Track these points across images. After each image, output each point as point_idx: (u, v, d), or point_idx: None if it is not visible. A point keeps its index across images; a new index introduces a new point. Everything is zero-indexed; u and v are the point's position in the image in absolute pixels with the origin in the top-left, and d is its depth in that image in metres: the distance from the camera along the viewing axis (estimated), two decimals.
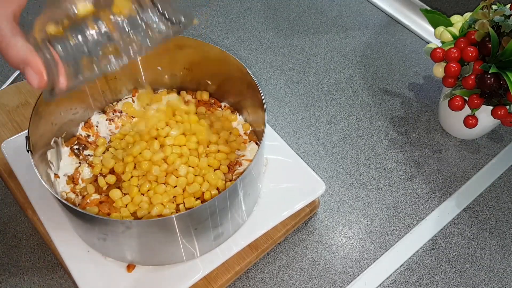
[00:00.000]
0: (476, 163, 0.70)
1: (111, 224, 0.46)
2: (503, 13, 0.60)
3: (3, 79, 0.76)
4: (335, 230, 0.63)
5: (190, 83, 0.66)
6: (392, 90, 0.79)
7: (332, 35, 0.88)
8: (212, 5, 0.92)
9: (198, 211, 0.46)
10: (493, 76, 0.60)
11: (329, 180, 0.67)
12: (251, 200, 0.55)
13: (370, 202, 0.66)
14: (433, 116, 0.76)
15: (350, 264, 0.60)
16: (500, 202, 0.66)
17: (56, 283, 0.57)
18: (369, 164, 0.70)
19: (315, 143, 0.72)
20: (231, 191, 0.48)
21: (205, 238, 0.51)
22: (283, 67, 0.82)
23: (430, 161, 0.70)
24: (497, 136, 0.74)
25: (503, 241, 0.63)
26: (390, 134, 0.73)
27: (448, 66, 0.63)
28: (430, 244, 0.62)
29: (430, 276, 0.59)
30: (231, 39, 0.86)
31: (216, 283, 0.55)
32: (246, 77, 0.56)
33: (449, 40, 0.66)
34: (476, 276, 0.59)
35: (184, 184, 0.55)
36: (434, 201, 0.66)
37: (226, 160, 0.58)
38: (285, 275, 0.58)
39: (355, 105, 0.77)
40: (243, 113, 0.64)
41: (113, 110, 0.64)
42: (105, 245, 0.51)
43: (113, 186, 0.56)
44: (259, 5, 0.92)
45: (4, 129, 0.65)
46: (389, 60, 0.84)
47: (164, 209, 0.53)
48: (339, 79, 0.80)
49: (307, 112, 0.75)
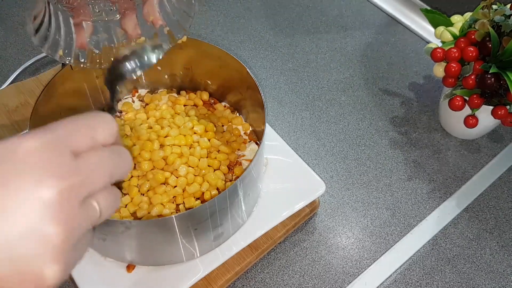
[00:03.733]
0: (476, 163, 0.70)
1: (111, 224, 0.46)
2: (504, 13, 0.60)
3: (3, 79, 0.76)
4: (335, 230, 0.63)
5: (190, 83, 0.66)
6: (392, 90, 0.79)
7: (332, 35, 0.88)
8: (212, 5, 0.92)
9: (198, 211, 0.46)
10: (493, 76, 0.60)
11: (329, 180, 0.67)
12: (251, 200, 0.55)
13: (370, 202, 0.65)
14: (433, 116, 0.76)
15: (350, 264, 0.60)
16: (500, 202, 0.66)
17: None
18: (369, 164, 0.70)
19: (315, 143, 0.72)
20: (231, 191, 0.48)
21: (205, 238, 0.51)
22: (283, 67, 0.82)
23: (430, 161, 0.70)
24: (497, 136, 0.74)
25: (503, 241, 0.63)
26: (390, 134, 0.73)
27: (448, 66, 0.63)
28: (430, 244, 0.62)
29: (430, 276, 0.59)
30: (231, 39, 0.86)
31: (216, 283, 0.55)
32: (246, 77, 0.56)
33: (449, 40, 0.66)
34: (476, 276, 0.59)
35: (184, 184, 0.55)
36: (434, 201, 0.66)
37: (226, 160, 0.58)
38: (285, 275, 0.58)
39: (355, 105, 0.77)
40: (243, 113, 0.64)
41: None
42: (104, 245, 0.51)
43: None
44: (259, 5, 0.92)
45: (4, 129, 0.65)
46: (389, 60, 0.84)
47: (164, 209, 0.53)
48: (339, 79, 0.80)
49: (307, 112, 0.75)
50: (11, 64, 0.79)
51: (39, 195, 0.23)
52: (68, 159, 0.25)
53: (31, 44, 0.82)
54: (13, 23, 0.86)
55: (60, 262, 0.24)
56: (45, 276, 0.24)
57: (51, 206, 0.24)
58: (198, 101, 0.65)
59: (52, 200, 0.24)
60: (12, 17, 0.87)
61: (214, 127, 0.61)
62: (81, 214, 0.25)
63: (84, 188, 0.25)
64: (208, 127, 0.60)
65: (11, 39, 0.83)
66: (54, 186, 0.24)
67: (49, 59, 0.79)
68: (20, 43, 0.83)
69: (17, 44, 0.83)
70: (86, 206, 0.26)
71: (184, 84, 0.66)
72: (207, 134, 0.60)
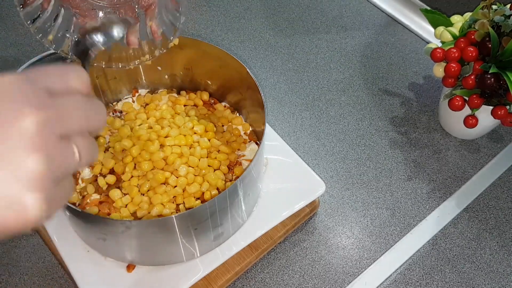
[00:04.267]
0: (476, 163, 0.70)
1: (111, 224, 0.46)
2: (503, 13, 0.60)
3: None
4: (335, 230, 0.63)
5: (190, 83, 0.66)
6: (392, 90, 0.79)
7: (332, 35, 0.88)
8: (212, 5, 0.92)
9: (198, 211, 0.46)
10: (493, 76, 0.60)
11: (329, 180, 0.67)
12: (251, 200, 0.55)
13: (370, 202, 0.65)
14: (433, 116, 0.76)
15: (350, 264, 0.60)
16: (500, 202, 0.66)
17: (56, 283, 0.57)
18: (369, 164, 0.70)
19: (315, 143, 0.72)
20: (231, 191, 0.48)
21: (205, 238, 0.51)
22: (283, 67, 0.82)
23: (430, 161, 0.70)
24: (497, 136, 0.74)
25: (503, 241, 0.63)
26: (390, 134, 0.73)
27: (448, 66, 0.63)
28: (430, 244, 0.62)
29: (430, 276, 0.59)
30: (231, 39, 0.86)
31: (216, 283, 0.55)
32: (246, 77, 0.56)
33: (449, 40, 0.66)
34: (476, 276, 0.59)
35: (184, 184, 0.55)
36: (434, 201, 0.66)
37: (226, 160, 0.58)
38: (285, 275, 0.58)
39: (355, 105, 0.77)
40: (243, 113, 0.64)
41: (113, 110, 0.64)
42: (105, 245, 0.51)
43: (113, 186, 0.56)
44: (259, 5, 0.92)
45: None
46: (389, 60, 0.84)
47: (164, 209, 0.53)
48: (339, 79, 0.80)
49: (307, 112, 0.75)
50: (11, 64, 0.79)
51: (19, 124, 0.23)
52: (44, 93, 0.25)
53: (31, 44, 0.82)
54: (13, 23, 0.86)
55: (40, 190, 0.24)
56: (27, 205, 0.23)
57: (30, 135, 0.24)
58: (198, 101, 0.65)
59: (31, 129, 0.24)
60: (12, 17, 0.87)
61: (214, 127, 0.61)
62: (59, 149, 0.25)
63: (61, 124, 0.25)
64: (208, 127, 0.60)
65: (11, 39, 0.83)
66: (33, 116, 0.24)
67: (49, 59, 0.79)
68: (20, 43, 0.83)
69: (17, 44, 0.83)
70: (65, 144, 0.26)
71: (184, 84, 0.66)
72: (207, 134, 0.60)
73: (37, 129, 0.24)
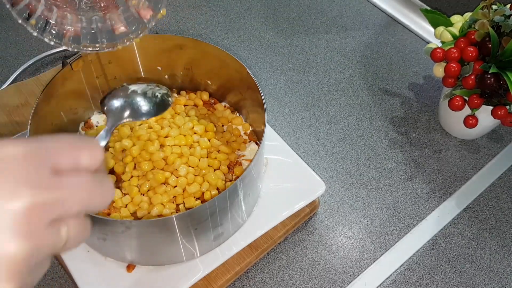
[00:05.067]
0: (476, 163, 0.70)
1: (111, 224, 0.46)
2: (503, 13, 0.60)
3: (3, 79, 0.76)
4: (335, 230, 0.63)
5: (190, 83, 0.66)
6: (392, 90, 0.79)
7: (332, 35, 0.88)
8: (212, 5, 0.92)
9: (198, 211, 0.46)
10: (493, 76, 0.60)
11: (329, 180, 0.67)
12: (251, 200, 0.55)
13: (370, 202, 0.66)
14: (433, 116, 0.76)
15: (350, 264, 0.60)
16: (500, 202, 0.66)
17: (56, 283, 0.57)
18: (369, 164, 0.70)
19: (315, 143, 0.72)
20: (231, 191, 0.48)
21: (205, 238, 0.51)
22: (283, 67, 0.82)
23: (430, 161, 0.70)
24: (497, 136, 0.74)
25: (503, 241, 0.63)
26: (390, 134, 0.73)
27: (448, 66, 0.63)
28: (430, 244, 0.62)
29: (430, 276, 0.59)
30: (231, 39, 0.86)
31: (216, 283, 0.55)
32: (246, 77, 0.56)
33: (449, 40, 0.66)
34: (476, 276, 0.59)
35: (184, 184, 0.55)
36: (434, 201, 0.66)
37: (226, 160, 0.58)
38: (285, 275, 0.58)
39: (355, 105, 0.77)
40: (243, 113, 0.64)
41: None
42: (105, 245, 0.51)
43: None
44: (259, 5, 0.92)
45: (4, 129, 0.65)
46: (389, 60, 0.84)
47: (164, 209, 0.53)
48: (339, 79, 0.80)
49: (307, 112, 0.75)
50: (11, 64, 0.79)
51: (10, 207, 0.23)
52: (47, 173, 0.24)
53: (32, 44, 0.82)
54: (13, 23, 0.86)
55: (15, 282, 0.23)
56: None
57: (19, 220, 0.23)
58: (198, 101, 0.65)
59: (21, 213, 0.23)
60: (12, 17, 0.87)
61: (214, 127, 0.61)
62: (47, 235, 0.24)
63: (56, 208, 0.24)
64: (208, 127, 0.60)
65: (11, 39, 0.84)
66: (27, 199, 0.23)
67: (49, 59, 0.79)
68: (20, 43, 0.83)
69: (17, 44, 0.83)
70: (54, 229, 0.25)
71: (184, 84, 0.66)
72: (207, 134, 0.60)
73: (27, 214, 0.23)
